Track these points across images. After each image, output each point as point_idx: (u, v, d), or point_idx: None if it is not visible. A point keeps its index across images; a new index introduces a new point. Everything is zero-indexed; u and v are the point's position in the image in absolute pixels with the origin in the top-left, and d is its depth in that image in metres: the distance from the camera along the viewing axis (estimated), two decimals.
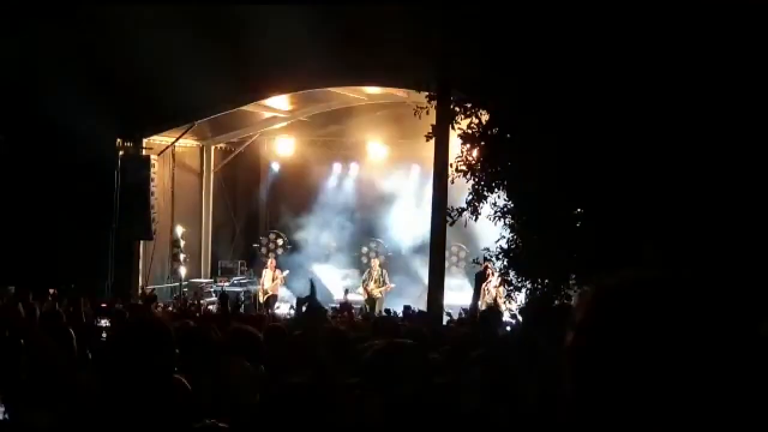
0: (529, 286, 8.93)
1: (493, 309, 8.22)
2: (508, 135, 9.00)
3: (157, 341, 2.81)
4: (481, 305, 9.02)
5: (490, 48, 8.78)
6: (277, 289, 18.47)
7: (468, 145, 9.10)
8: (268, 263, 19.21)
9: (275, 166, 22.19)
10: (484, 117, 9.19)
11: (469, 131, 9.04)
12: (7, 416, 1.68)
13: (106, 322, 5.29)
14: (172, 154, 19.22)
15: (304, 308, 5.94)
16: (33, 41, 15.31)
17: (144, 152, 17.80)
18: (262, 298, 18.17)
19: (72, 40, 15.50)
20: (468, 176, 9.36)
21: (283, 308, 16.35)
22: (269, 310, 16.11)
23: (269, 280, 18.55)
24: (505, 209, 9.24)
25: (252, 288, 19.77)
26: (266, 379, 4.24)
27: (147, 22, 15.47)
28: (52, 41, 15.36)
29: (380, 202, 20.97)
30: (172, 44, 15.27)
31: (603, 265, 8.06)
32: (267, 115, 20.18)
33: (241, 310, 13.48)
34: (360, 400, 2.68)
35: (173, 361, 2.85)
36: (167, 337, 2.84)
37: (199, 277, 20.18)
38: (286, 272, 18.82)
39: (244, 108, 18.42)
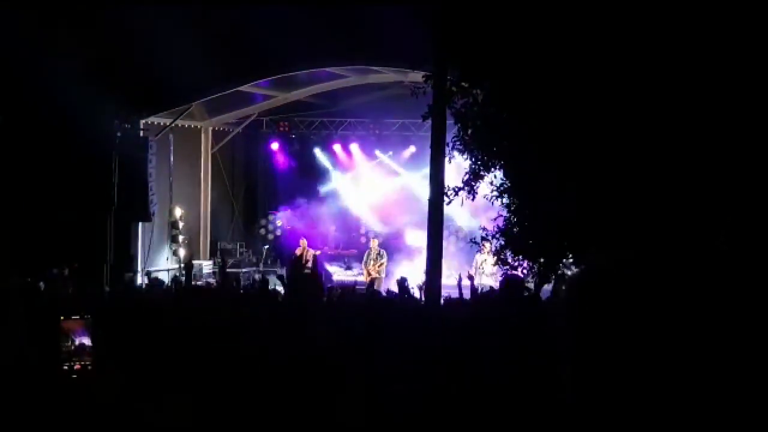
0: (525, 265, 8.97)
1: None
2: (505, 114, 9.00)
3: None
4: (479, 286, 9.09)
5: (487, 26, 8.77)
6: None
7: (459, 125, 9.12)
8: (300, 242, 19.46)
9: (273, 147, 22.19)
10: (480, 97, 9.19)
11: (464, 110, 9.05)
12: None
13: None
14: (170, 135, 19.21)
15: None
16: (31, 22, 15.25)
17: (142, 134, 17.79)
18: None
19: (70, 22, 15.45)
20: (465, 156, 9.38)
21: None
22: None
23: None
24: (502, 188, 9.27)
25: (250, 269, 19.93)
26: None
27: (144, 4, 15.42)
28: (50, 23, 15.31)
29: (378, 181, 21.06)
30: (169, 26, 15.23)
31: (599, 243, 8.10)
32: (264, 95, 20.15)
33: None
34: None
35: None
36: None
37: (198, 259, 20.21)
38: (318, 252, 19.12)
39: (242, 89, 18.38)
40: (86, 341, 4.46)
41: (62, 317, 4.50)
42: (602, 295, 1.33)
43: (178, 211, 19.55)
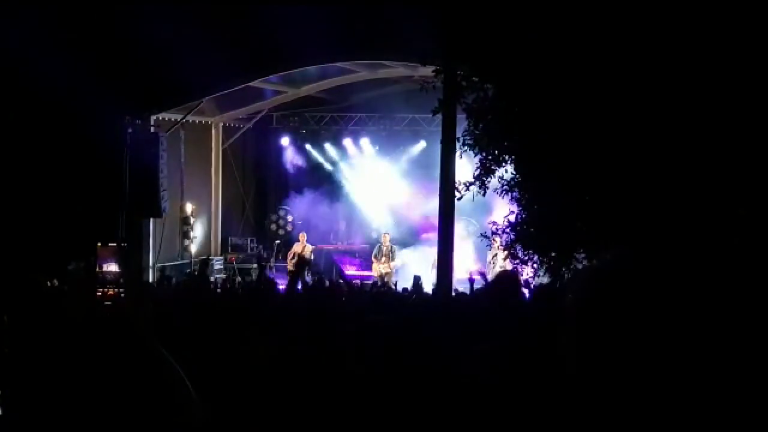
0: (536, 259, 8.94)
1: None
2: (516, 108, 8.96)
3: None
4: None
5: (498, 19, 8.73)
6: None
7: (472, 119, 9.09)
8: (299, 236, 19.57)
9: (283, 142, 22.20)
10: (491, 91, 9.16)
11: (475, 105, 9.02)
12: None
13: None
14: (181, 131, 19.24)
15: None
16: (40, 19, 15.30)
17: (153, 130, 17.83)
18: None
19: (79, 18, 15.49)
20: (475, 150, 9.36)
21: None
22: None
23: (301, 251, 18.92)
24: (513, 183, 9.24)
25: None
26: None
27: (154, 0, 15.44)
28: (59, 18, 15.35)
29: (389, 176, 21.04)
30: (179, 21, 15.24)
31: (611, 237, 8.06)
32: (274, 90, 20.17)
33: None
34: None
35: None
36: None
37: (210, 254, 20.27)
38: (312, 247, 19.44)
39: (252, 84, 18.40)
40: (113, 268, 4.43)
41: (99, 244, 4.48)
42: (607, 291, 1.34)
43: (189, 207, 19.60)
